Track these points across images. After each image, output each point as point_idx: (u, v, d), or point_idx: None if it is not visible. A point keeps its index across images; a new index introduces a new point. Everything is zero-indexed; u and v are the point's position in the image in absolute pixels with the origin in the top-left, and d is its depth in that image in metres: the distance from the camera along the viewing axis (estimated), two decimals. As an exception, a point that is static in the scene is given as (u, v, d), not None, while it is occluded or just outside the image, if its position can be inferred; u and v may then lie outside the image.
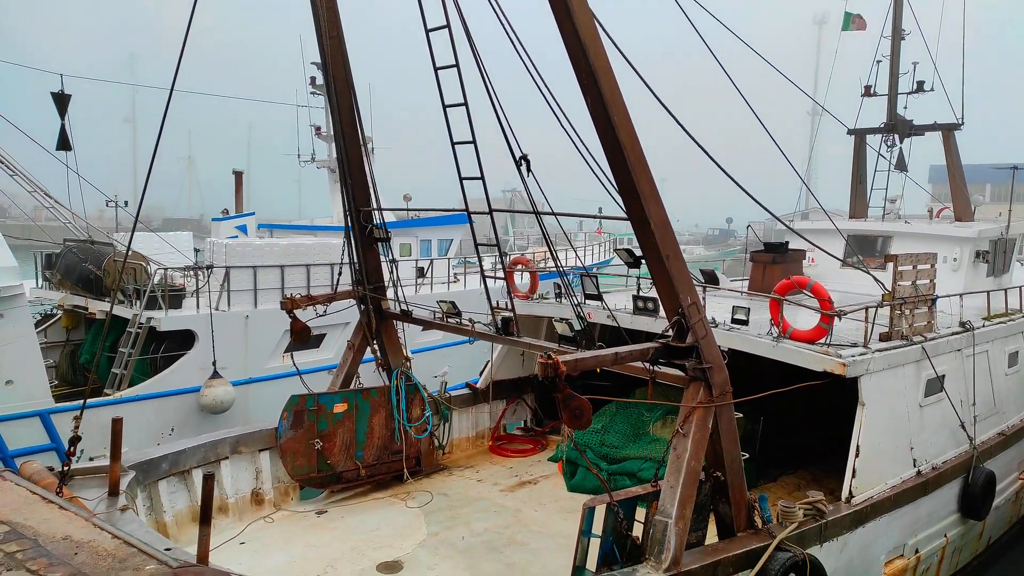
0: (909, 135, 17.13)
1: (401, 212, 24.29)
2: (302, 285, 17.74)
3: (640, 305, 11.01)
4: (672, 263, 6.87)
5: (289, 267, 17.93)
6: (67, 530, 6.03)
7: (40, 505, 6.49)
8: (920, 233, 15.37)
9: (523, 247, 45.86)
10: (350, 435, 10.71)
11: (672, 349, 7.16)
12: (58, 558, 5.58)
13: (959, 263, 14.82)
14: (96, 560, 5.61)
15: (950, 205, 17.55)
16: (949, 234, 15.07)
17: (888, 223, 16.29)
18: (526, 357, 13.55)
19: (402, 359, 11.39)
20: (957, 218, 16.84)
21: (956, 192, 16.66)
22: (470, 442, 13.03)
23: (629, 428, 11.33)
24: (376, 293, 10.91)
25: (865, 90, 17.23)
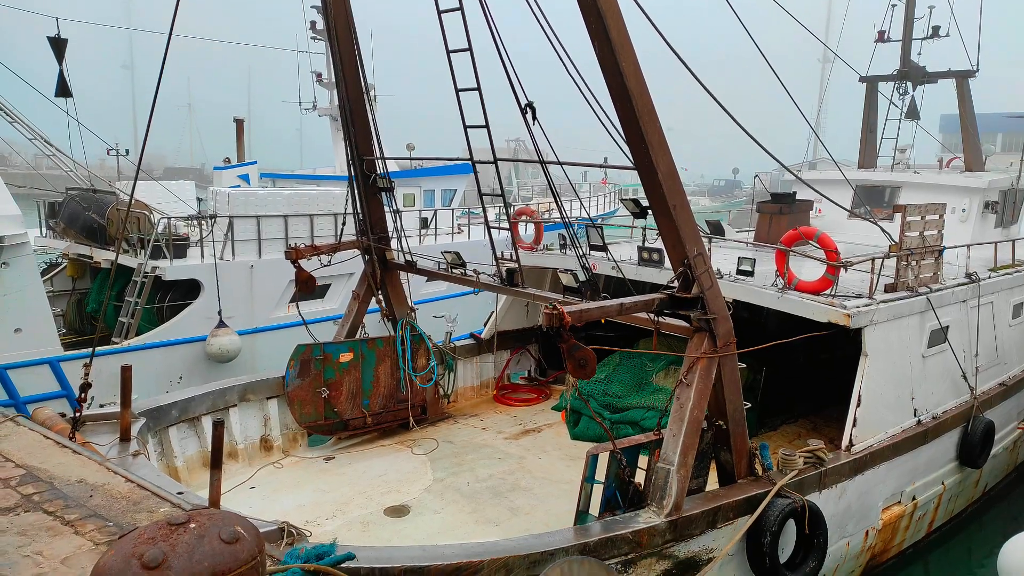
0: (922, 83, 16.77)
1: (404, 162, 24.05)
2: (306, 235, 17.70)
3: (645, 256, 10.98)
4: (679, 213, 6.83)
5: (293, 217, 17.85)
6: (81, 473, 6.17)
7: (54, 449, 6.63)
8: (929, 183, 15.19)
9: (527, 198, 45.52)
10: (356, 384, 10.84)
11: (677, 300, 7.17)
12: (74, 500, 5.72)
13: (968, 214, 14.69)
14: (111, 502, 5.75)
15: (960, 155, 17.29)
16: (958, 184, 14.90)
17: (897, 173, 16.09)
18: (530, 308, 13.59)
19: (407, 309, 11.44)
20: (967, 168, 16.61)
21: (967, 141, 16.40)
22: (475, 391, 13.18)
23: (632, 378, 11.44)
24: (380, 243, 10.90)
25: (878, 35, 16.80)
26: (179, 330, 16.19)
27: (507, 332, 13.47)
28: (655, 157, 6.56)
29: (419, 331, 11.42)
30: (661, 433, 7.30)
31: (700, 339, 7.29)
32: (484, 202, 9.61)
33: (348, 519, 8.65)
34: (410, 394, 11.27)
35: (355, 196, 10.56)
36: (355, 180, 10.43)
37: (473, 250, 17.35)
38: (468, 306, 19.84)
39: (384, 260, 11.08)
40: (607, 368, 11.69)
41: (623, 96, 6.39)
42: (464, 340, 13.19)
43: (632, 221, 12.64)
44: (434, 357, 11.56)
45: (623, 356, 11.83)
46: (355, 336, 11.22)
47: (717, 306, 7.23)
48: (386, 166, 10.38)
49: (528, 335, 13.87)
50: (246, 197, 17.79)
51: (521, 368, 14.16)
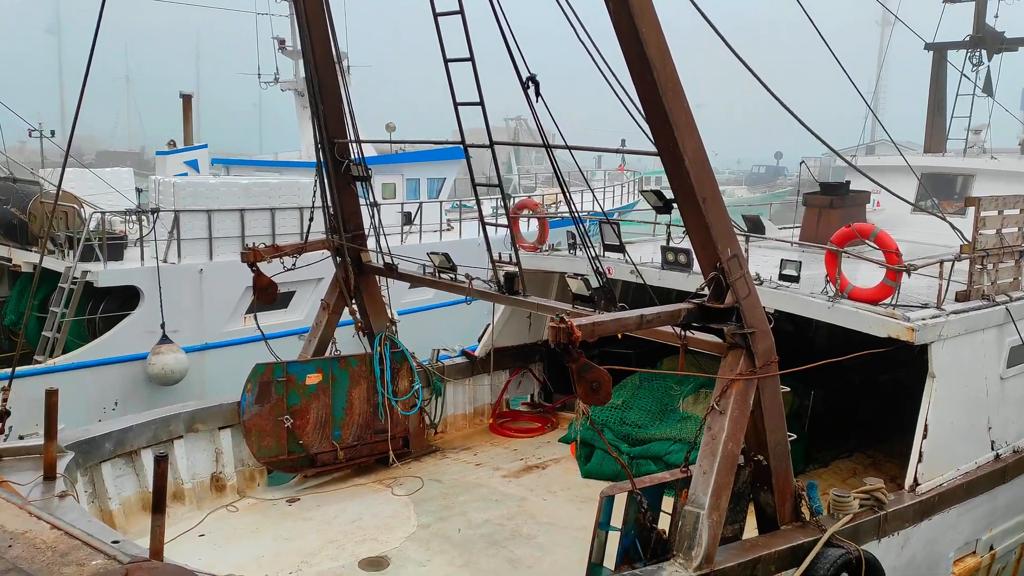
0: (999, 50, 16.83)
1: (384, 146, 24.14)
2: (266, 233, 17.76)
3: (670, 258, 11.02)
4: (709, 207, 6.86)
5: (250, 211, 17.91)
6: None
7: (-35, 491, 6.61)
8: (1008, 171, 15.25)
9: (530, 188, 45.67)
10: (326, 411, 10.85)
11: (708, 311, 7.19)
12: (-12, 551, 5.71)
13: (1055, 208, 14.71)
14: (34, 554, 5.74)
15: (1046, 137, 17.36)
16: (1044, 173, 14.95)
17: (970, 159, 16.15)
18: (533, 320, 13.62)
19: (386, 322, 11.45)
20: (1055, 153, 16.69)
21: (1055, 121, 16.46)
22: (467, 420, 13.18)
23: (655, 404, 11.45)
24: (354, 243, 10.92)
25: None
26: (114, 347, 16.20)
27: (506, 349, 13.50)
28: (681, 140, 6.59)
29: (401, 347, 11.44)
30: (689, 470, 7.30)
31: (735, 358, 7.30)
32: (478, 193, 9.64)
33: (316, 573, 8.64)
34: (390, 423, 11.28)
35: (325, 186, 10.58)
36: (325, 167, 10.46)
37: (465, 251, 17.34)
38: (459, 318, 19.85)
39: (359, 263, 11.09)
40: (625, 392, 11.71)
41: (643, 67, 6.42)
42: (455, 358, 13.21)
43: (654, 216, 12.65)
44: (419, 379, 11.58)
45: (644, 378, 11.84)
46: (324, 354, 11.23)
47: (755, 318, 7.25)
48: (362, 150, 10.42)
49: (531, 353, 13.89)
50: (194, 188, 17.85)
51: (523, 392, 14.18)
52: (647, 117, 6.66)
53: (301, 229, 17.62)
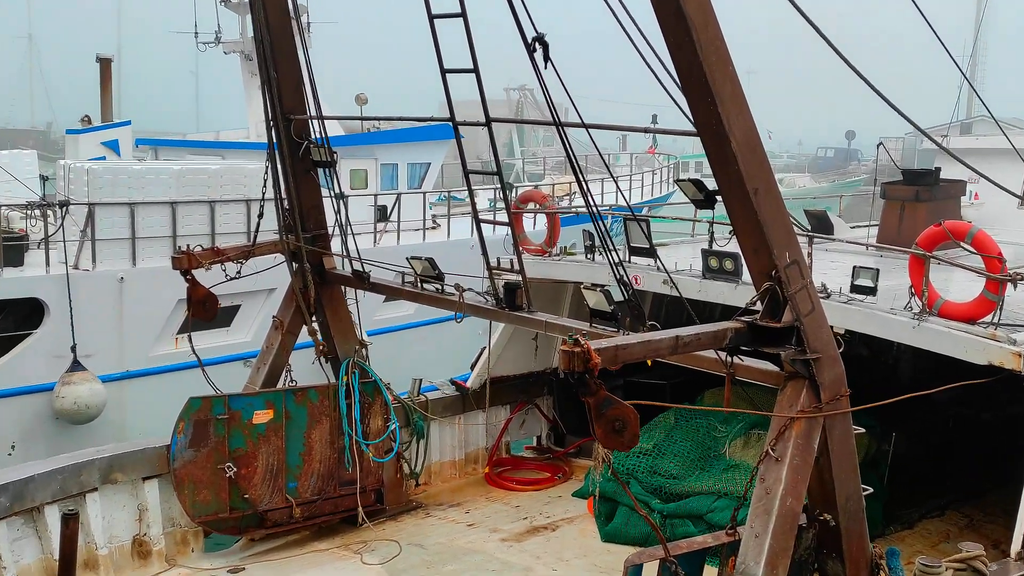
0: None
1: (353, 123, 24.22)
2: (204, 232, 17.80)
3: (714, 265, 11.04)
4: (762, 201, 6.86)
5: (184, 204, 17.95)
6: None
7: None
8: None
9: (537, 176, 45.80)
10: (278, 457, 10.85)
11: (761, 331, 7.19)
12: None
13: None
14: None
15: None
16: None
17: (1093, 140, 16.14)
18: (540, 343, 13.63)
19: (355, 344, 11.46)
20: None
21: None
22: (457, 468, 13.18)
23: (694, 449, 11.45)
24: (315, 245, 10.94)
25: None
26: (11, 374, 16.19)
27: (505, 379, 13.52)
28: (726, 116, 6.60)
29: (373, 377, 11.45)
30: (738, 532, 7.28)
31: (795, 390, 7.30)
32: (471, 183, 9.66)
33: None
34: (359, 472, 11.27)
35: (278, 174, 10.62)
36: (278, 150, 10.49)
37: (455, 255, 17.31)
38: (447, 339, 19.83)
39: (321, 270, 11.11)
40: (657, 434, 11.71)
41: (679, 25, 6.42)
42: (442, 391, 13.22)
43: (694, 212, 12.67)
44: (395, 416, 11.59)
45: (680, 416, 11.84)
46: (277, 384, 11.23)
47: (821, 341, 7.25)
48: (325, 128, 10.45)
49: (537, 384, 13.89)
50: (114, 175, 17.87)
51: (527, 434, 14.16)
52: (684, 88, 6.66)
53: (248, 227, 17.70)
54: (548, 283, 12.64)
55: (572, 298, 13.21)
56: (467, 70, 8.33)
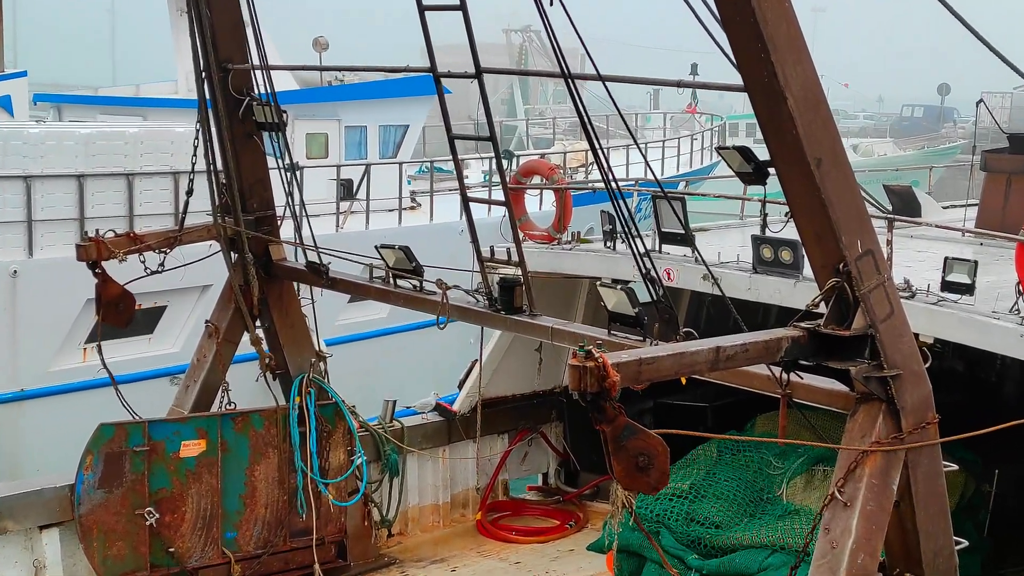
0: None
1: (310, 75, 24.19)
2: (120, 214, 17.79)
3: (767, 255, 11.03)
4: (828, 174, 6.85)
5: (95, 178, 17.93)
6: None
7: None
8: None
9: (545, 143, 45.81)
10: (212, 500, 10.86)
11: (825, 340, 7.18)
12: None
13: None
14: None
15: None
16: None
17: None
18: (546, 354, 13.65)
19: (310, 356, 11.48)
20: None
21: None
22: (440, 514, 13.22)
23: (742, 490, 11.45)
24: (260, 229, 10.96)
25: None
26: None
27: (503, 401, 13.56)
28: (780, 66, 6.58)
29: (334, 398, 11.47)
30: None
31: (869, 416, 7.29)
32: (457, 151, 9.65)
33: None
34: (315, 520, 11.29)
35: (212, 139, 10.61)
36: (212, 109, 10.50)
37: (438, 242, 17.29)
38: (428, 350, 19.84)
39: (268, 262, 11.13)
40: (694, 472, 11.72)
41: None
42: (422, 415, 13.25)
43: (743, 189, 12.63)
44: (362, 449, 11.61)
45: (723, 448, 11.85)
46: (211, 407, 11.24)
47: (902, 353, 7.24)
48: (271, 82, 10.46)
49: (543, 406, 13.92)
50: (4, 141, 17.84)
51: (530, 470, 14.20)
52: (728, 31, 6.66)
53: (175, 208, 17.67)
54: (556, 279, 12.63)
55: (587, 298, 13.20)
56: (453, 6, 8.32)
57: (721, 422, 12.40)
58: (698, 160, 35.85)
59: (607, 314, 9.02)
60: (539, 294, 10.02)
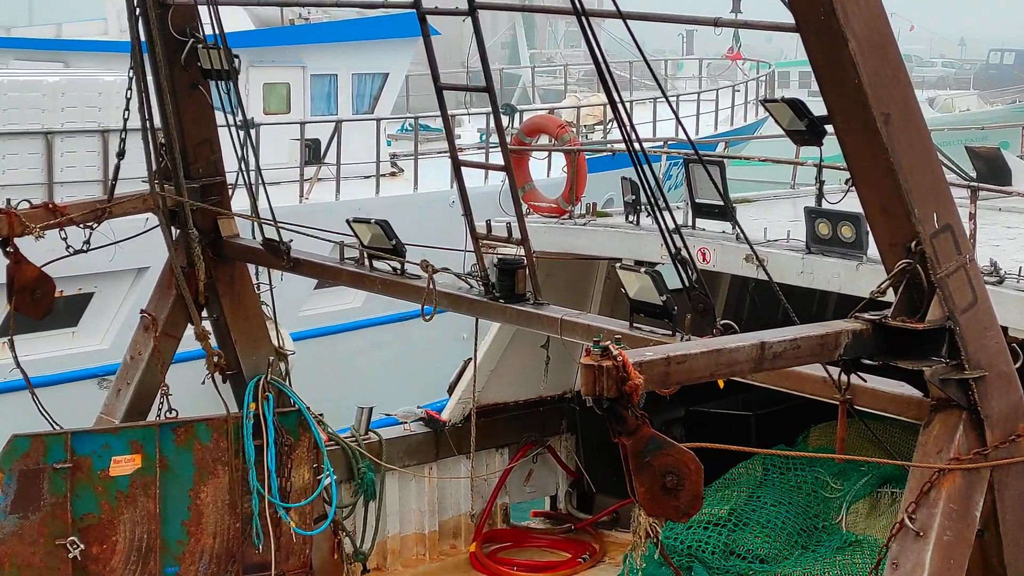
0: None
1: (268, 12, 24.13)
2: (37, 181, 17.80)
3: (823, 232, 11.01)
4: (898, 133, 6.84)
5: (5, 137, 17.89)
6: None
7: None
8: None
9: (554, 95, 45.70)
10: (149, 527, 10.86)
11: (894, 335, 7.18)
12: None
13: None
14: None
15: None
16: None
17: None
18: (554, 352, 13.67)
19: (269, 353, 11.52)
20: None
21: None
22: (427, 545, 13.24)
23: (792, 517, 11.47)
24: (207, 200, 10.97)
25: None
26: None
27: (502, 409, 13.62)
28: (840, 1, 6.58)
29: (297, 404, 11.49)
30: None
31: (947, 427, 7.29)
32: (447, 106, 9.66)
33: None
34: (274, 551, 11.30)
35: (149, 89, 10.61)
36: (148, 53, 10.47)
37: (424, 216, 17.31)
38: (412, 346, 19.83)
39: (217, 239, 11.14)
40: (734, 494, 11.75)
41: None
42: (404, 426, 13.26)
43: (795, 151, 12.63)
44: (330, 466, 11.63)
45: (769, 465, 11.89)
46: (148, 416, 11.25)
47: (987, 350, 7.24)
48: (218, 19, 10.45)
49: (551, 415, 13.98)
50: None
51: (535, 492, 14.25)
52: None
53: (104, 174, 17.68)
54: (567, 261, 12.64)
55: (604, 284, 13.18)
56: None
57: (767, 435, 12.39)
58: (740, 117, 35.81)
59: (628, 303, 9.02)
60: (546, 279, 10.04)
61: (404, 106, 28.61)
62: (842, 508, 11.36)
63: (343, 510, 11.95)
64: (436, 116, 15.79)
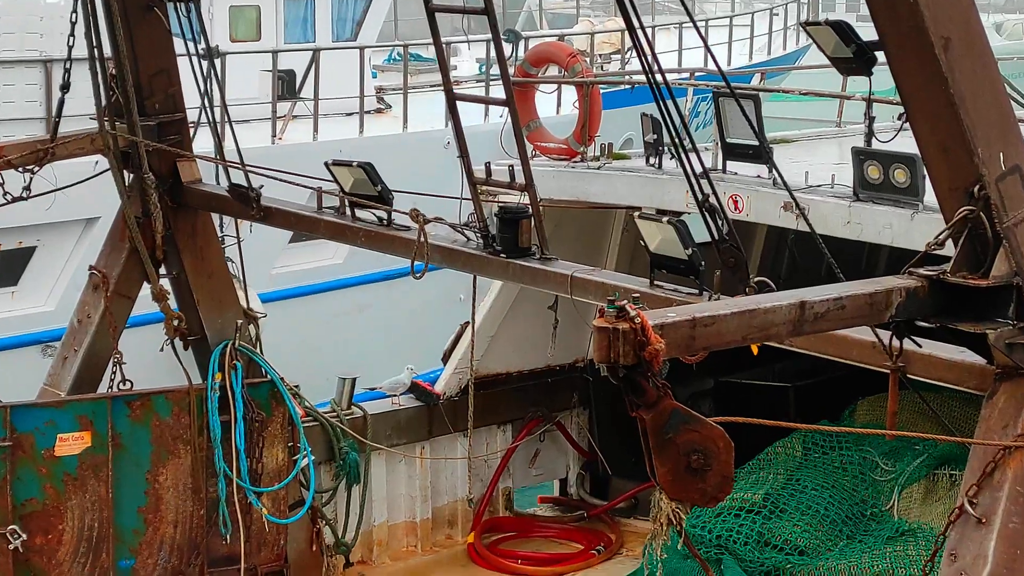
0: None
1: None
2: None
3: (873, 176, 11.00)
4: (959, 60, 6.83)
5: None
6: None
7: None
8: None
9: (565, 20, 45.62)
10: (101, 515, 10.88)
11: (952, 293, 7.19)
12: None
13: None
14: None
15: None
16: None
17: None
18: (563, 314, 13.67)
19: (237, 316, 11.55)
20: None
21: None
22: (419, 535, 13.30)
23: (836, 502, 11.49)
24: (165, 140, 10.96)
25: None
26: None
27: (503, 379, 13.68)
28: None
29: (269, 374, 11.53)
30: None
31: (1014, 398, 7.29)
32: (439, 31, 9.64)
33: None
34: (244, 542, 11.35)
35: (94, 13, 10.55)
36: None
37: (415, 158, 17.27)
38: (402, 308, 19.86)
39: (177, 185, 11.16)
40: (770, 476, 11.80)
41: None
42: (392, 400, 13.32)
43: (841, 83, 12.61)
44: (308, 445, 11.67)
45: (812, 444, 11.91)
46: (98, 387, 11.29)
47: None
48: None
49: (561, 387, 14.05)
50: None
51: (542, 475, 14.36)
52: None
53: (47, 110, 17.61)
54: (578, 210, 12.64)
55: (621, 236, 13.18)
56: None
57: (808, 409, 12.41)
58: (778, 44, 35.69)
59: (649, 258, 9.03)
60: (554, 230, 10.04)
61: (391, 33, 28.50)
62: (893, 492, 11.37)
63: (322, 495, 12.00)
64: (428, 44, 15.70)
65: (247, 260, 11.66)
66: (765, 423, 7.32)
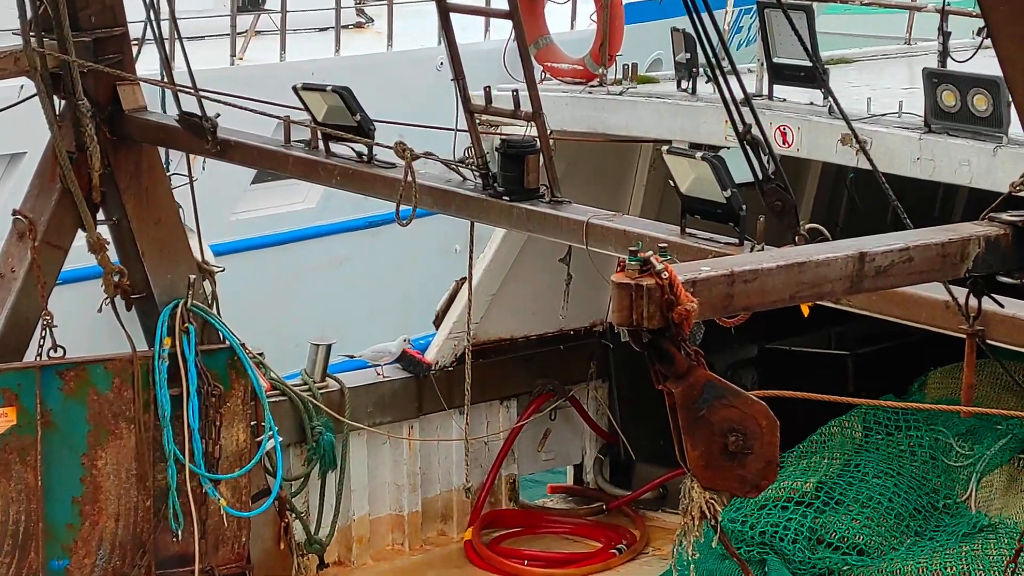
0: None
1: None
2: None
3: (948, 103, 11.00)
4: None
5: None
6: None
7: None
8: None
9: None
10: (27, 506, 10.95)
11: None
12: None
13: None
14: None
15: None
16: None
17: None
18: (577, 270, 13.72)
19: (190, 271, 11.60)
20: None
21: None
22: (407, 531, 13.38)
23: (902, 492, 11.54)
24: (103, 60, 10.98)
25: None
26: None
27: (507, 346, 13.78)
28: None
29: (228, 339, 11.61)
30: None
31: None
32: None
33: None
34: (198, 539, 11.41)
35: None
36: None
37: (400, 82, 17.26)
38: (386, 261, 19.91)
39: (116, 114, 11.20)
40: (823, 461, 11.85)
41: None
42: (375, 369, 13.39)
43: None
44: (272, 423, 11.72)
45: (872, 424, 11.98)
46: (24, 355, 11.36)
47: None
48: None
49: (575, 356, 14.15)
50: None
51: (553, 460, 14.50)
52: None
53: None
54: (596, 143, 12.67)
55: (648, 175, 13.21)
56: None
57: (870, 381, 12.45)
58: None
59: (680, 200, 9.04)
60: (568, 168, 10.03)
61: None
62: (971, 481, 11.42)
63: (292, 484, 12.06)
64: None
65: (201, 204, 11.67)
66: (818, 397, 7.36)
